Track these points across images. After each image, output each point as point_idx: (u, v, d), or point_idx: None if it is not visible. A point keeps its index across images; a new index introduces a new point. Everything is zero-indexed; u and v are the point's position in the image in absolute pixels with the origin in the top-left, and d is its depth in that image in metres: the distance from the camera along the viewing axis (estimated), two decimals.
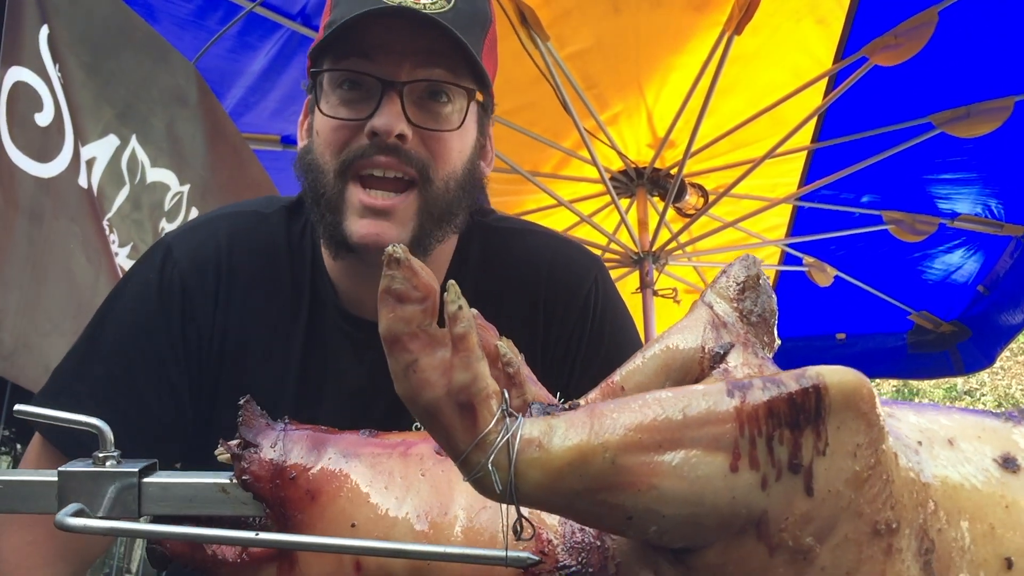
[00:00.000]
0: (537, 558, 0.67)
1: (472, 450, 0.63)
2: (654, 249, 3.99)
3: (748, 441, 0.61)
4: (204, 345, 1.24)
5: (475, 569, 0.70)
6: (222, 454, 0.78)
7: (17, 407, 0.80)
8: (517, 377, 0.76)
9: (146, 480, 0.77)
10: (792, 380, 0.62)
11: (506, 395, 0.66)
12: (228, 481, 0.77)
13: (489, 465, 0.62)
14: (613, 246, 4.14)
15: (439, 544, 0.72)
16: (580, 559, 0.69)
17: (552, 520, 0.71)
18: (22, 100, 2.15)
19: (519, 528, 0.65)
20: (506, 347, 0.78)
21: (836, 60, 3.54)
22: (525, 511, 0.66)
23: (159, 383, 1.21)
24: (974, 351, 4.62)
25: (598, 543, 0.69)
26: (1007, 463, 0.68)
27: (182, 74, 2.84)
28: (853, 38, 3.44)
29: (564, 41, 3.49)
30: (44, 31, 2.26)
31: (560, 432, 0.62)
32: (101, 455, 0.77)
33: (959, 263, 4.38)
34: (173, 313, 1.22)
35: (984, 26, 3.25)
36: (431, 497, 0.72)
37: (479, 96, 1.23)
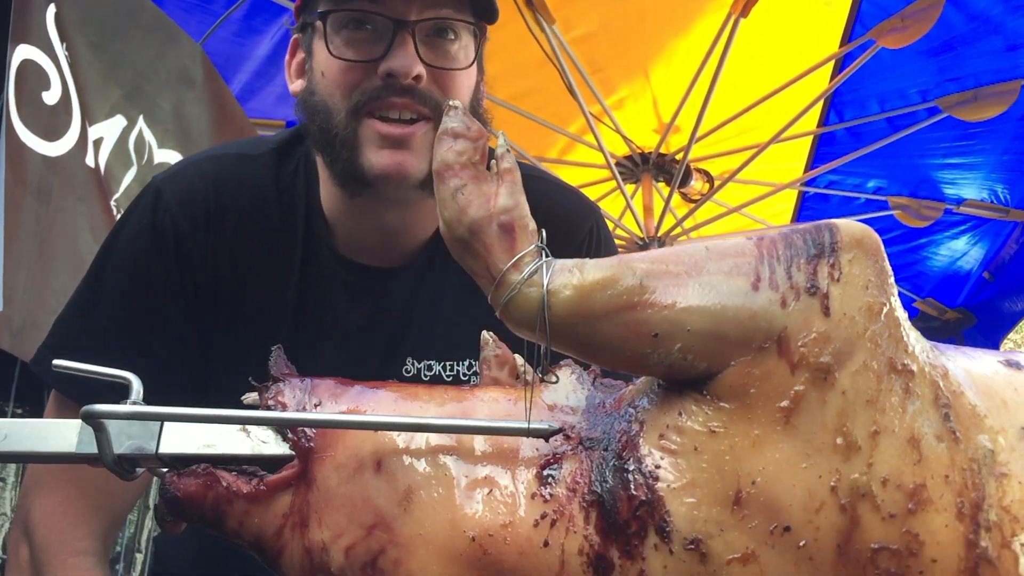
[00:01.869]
0: (558, 426, 0.69)
1: (509, 268, 0.68)
2: (659, 235, 3.99)
3: (768, 268, 0.67)
4: (200, 288, 1.23)
5: (495, 453, 0.71)
6: (248, 397, 0.78)
7: (56, 362, 0.80)
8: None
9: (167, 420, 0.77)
10: (807, 224, 0.70)
11: (543, 233, 0.71)
12: None
13: (525, 275, 0.67)
14: (618, 231, 4.14)
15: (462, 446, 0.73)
16: (603, 431, 0.71)
17: (575, 417, 0.73)
18: (30, 78, 2.14)
19: (545, 369, 0.68)
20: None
21: (842, 43, 3.54)
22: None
23: (165, 330, 1.20)
24: (979, 338, 4.60)
25: (622, 412, 0.71)
26: (1011, 364, 0.73)
27: (189, 56, 2.83)
28: (859, 20, 3.44)
29: (570, 24, 3.48)
30: (51, 10, 2.25)
31: (591, 263, 0.69)
32: (127, 401, 0.77)
33: (964, 249, 4.37)
34: (169, 258, 1.21)
35: (991, 8, 3.24)
36: (454, 408, 0.74)
37: (484, 30, 1.22)
